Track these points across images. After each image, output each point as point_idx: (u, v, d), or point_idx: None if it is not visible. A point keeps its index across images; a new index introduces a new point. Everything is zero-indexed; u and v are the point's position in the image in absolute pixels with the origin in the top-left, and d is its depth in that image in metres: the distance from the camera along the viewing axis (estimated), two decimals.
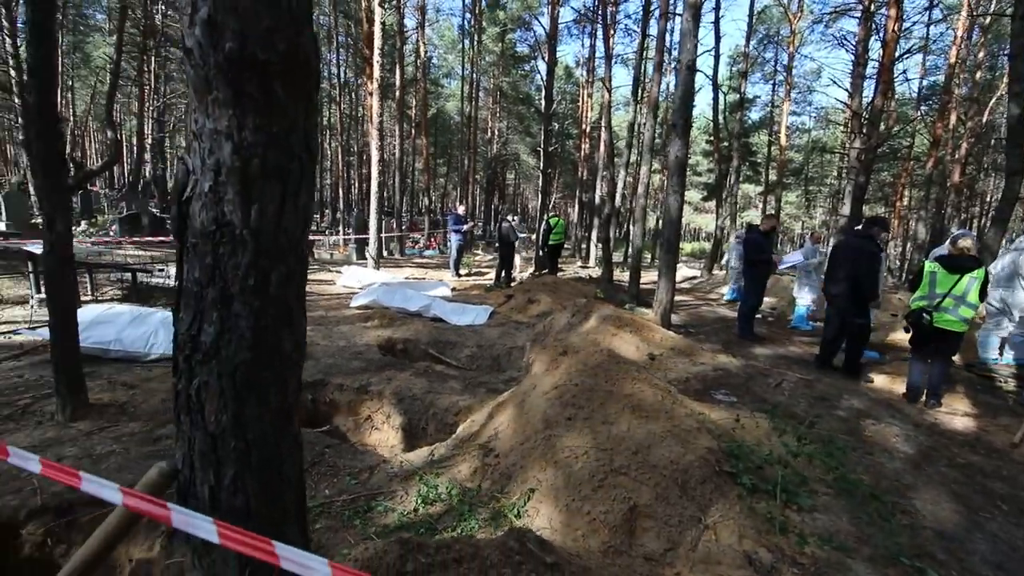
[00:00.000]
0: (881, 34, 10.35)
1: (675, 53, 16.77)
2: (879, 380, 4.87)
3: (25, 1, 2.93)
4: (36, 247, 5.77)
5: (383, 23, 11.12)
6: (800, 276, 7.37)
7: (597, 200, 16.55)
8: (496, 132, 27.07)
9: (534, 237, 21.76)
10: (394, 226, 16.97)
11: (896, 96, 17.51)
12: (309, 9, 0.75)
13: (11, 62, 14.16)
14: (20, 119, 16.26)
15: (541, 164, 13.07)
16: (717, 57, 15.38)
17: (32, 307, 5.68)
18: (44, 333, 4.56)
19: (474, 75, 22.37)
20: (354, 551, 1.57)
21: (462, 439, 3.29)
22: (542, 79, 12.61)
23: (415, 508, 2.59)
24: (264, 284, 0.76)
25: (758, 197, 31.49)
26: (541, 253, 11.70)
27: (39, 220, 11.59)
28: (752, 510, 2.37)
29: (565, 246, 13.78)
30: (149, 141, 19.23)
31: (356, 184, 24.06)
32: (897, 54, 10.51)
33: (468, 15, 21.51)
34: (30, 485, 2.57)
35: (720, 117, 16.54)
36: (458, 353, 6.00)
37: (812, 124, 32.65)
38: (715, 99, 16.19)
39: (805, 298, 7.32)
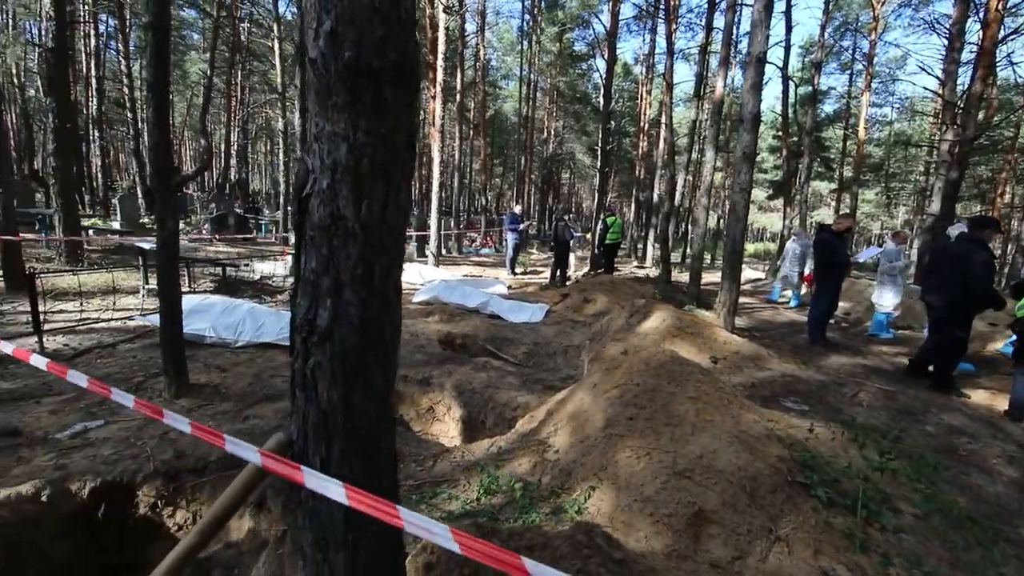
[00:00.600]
0: (981, 14, 9.32)
1: (742, 46, 15.97)
2: (976, 395, 4.41)
3: (146, 28, 3.28)
4: (145, 243, 6.47)
5: (446, 28, 11.45)
6: (882, 279, 6.80)
7: (655, 199, 16.12)
8: (552, 131, 27.04)
9: (588, 236, 21.52)
10: (452, 225, 17.40)
11: (998, 82, 15.70)
12: (415, 20, 0.82)
13: (125, 81, 15.86)
14: (131, 131, 18.21)
15: (598, 163, 12.92)
16: (788, 48, 14.50)
17: (142, 296, 6.38)
18: (153, 320, 5.11)
19: (531, 76, 22.47)
20: None
21: (522, 434, 3.34)
22: (600, 77, 12.45)
23: (477, 497, 2.67)
24: (370, 275, 0.84)
25: (830, 195, 29.26)
26: (597, 252, 11.58)
27: (146, 220, 12.97)
28: (829, 525, 2.24)
29: (621, 246, 13.54)
30: (235, 148, 20.92)
31: (417, 185, 24.84)
32: (1001, 35, 9.41)
33: (527, 16, 21.64)
34: (144, 453, 2.91)
35: (790, 111, 15.58)
36: (515, 350, 6.08)
37: (895, 116, 29.88)
38: (785, 92, 15.28)
39: (887, 303, 6.75)
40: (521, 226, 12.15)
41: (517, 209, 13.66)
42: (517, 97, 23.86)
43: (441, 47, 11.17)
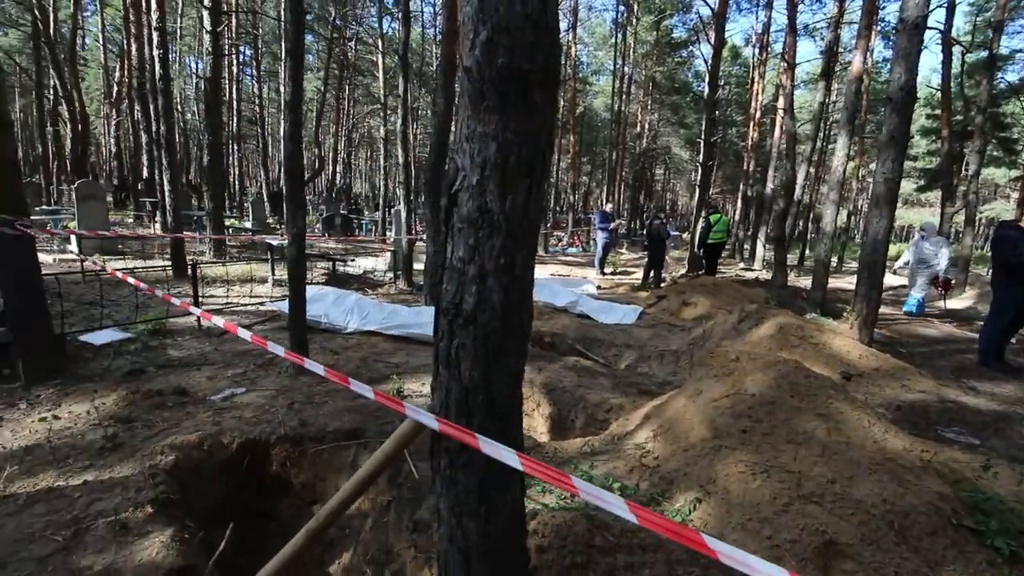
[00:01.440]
0: None
1: (885, 11, 13.93)
2: None
3: (288, 52, 3.73)
4: (274, 240, 7.37)
5: None
6: None
7: (767, 193, 14.90)
8: (646, 126, 26.11)
9: (684, 235, 20.42)
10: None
11: None
12: (559, 25, 0.87)
13: (256, 101, 18.11)
14: (260, 144, 20.72)
15: (699, 156, 12.22)
16: (952, 7, 11.90)
17: (270, 285, 7.29)
18: (280, 306, 5.80)
19: (625, 69, 21.87)
20: (540, 515, 1.71)
21: (617, 436, 3.30)
22: (705, 62, 11.71)
23: (572, 495, 2.68)
24: (511, 265, 0.91)
25: (1009, 184, 24.37)
26: (697, 252, 10.98)
27: (271, 220, 14.75)
28: None
29: (725, 246, 12.69)
30: (341, 156, 22.95)
31: None
32: None
33: (621, 8, 21.09)
34: (277, 419, 3.33)
35: (953, 84, 12.93)
36: (605, 351, 6.00)
37: None
38: (946, 61, 12.64)
39: None
40: (611, 225, 11.91)
41: (608, 207, 13.42)
42: (609, 92, 23.38)
43: None
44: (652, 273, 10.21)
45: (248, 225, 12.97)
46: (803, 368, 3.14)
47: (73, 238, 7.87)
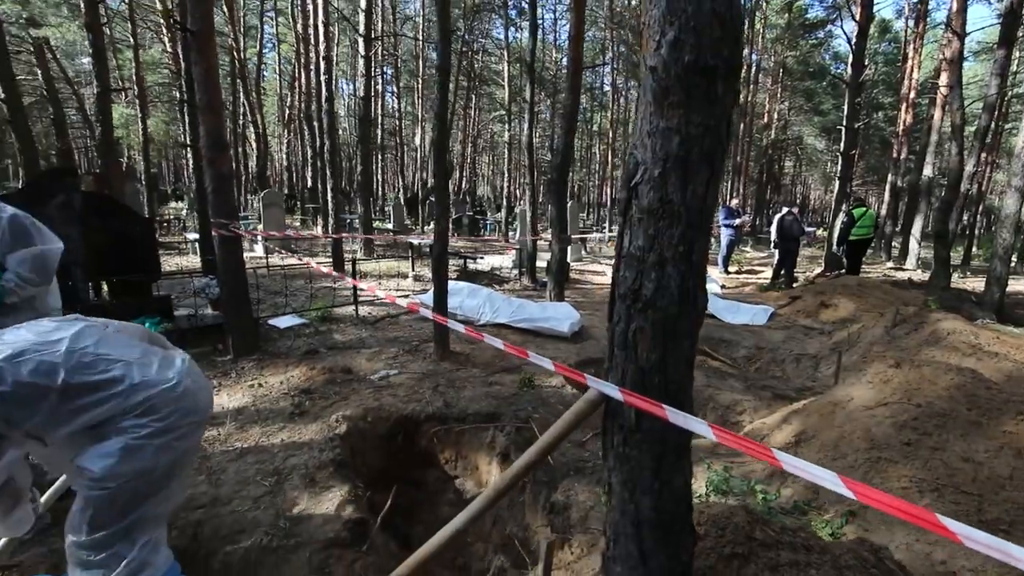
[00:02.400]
0: None
1: None
2: None
3: (438, 69, 4.12)
4: (414, 239, 8.18)
5: None
6: None
7: (923, 182, 12.54)
8: (775, 115, 23.48)
9: (819, 232, 17.94)
10: None
11: None
12: (743, 19, 0.89)
13: (395, 115, 20.11)
14: (399, 153, 22.93)
15: (840, 145, 10.67)
16: None
17: (411, 279, 8.12)
18: (421, 298, 6.42)
19: (752, 56, 19.90)
20: (695, 504, 1.70)
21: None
22: (848, 41, 10.16)
23: (705, 492, 2.59)
24: (689, 252, 0.95)
25: None
26: (838, 250, 9.66)
27: (408, 222, 16.34)
28: None
29: (871, 243, 10.96)
30: (467, 161, 24.42)
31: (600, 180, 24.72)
32: None
33: None
34: (424, 399, 3.72)
35: None
36: (733, 352, 5.61)
37: None
38: None
39: None
40: (736, 221, 11.02)
41: (733, 203, 12.42)
42: None
43: None
44: (783, 272, 9.22)
45: (389, 226, 14.51)
46: (982, 378, 2.63)
47: (260, 238, 9.58)
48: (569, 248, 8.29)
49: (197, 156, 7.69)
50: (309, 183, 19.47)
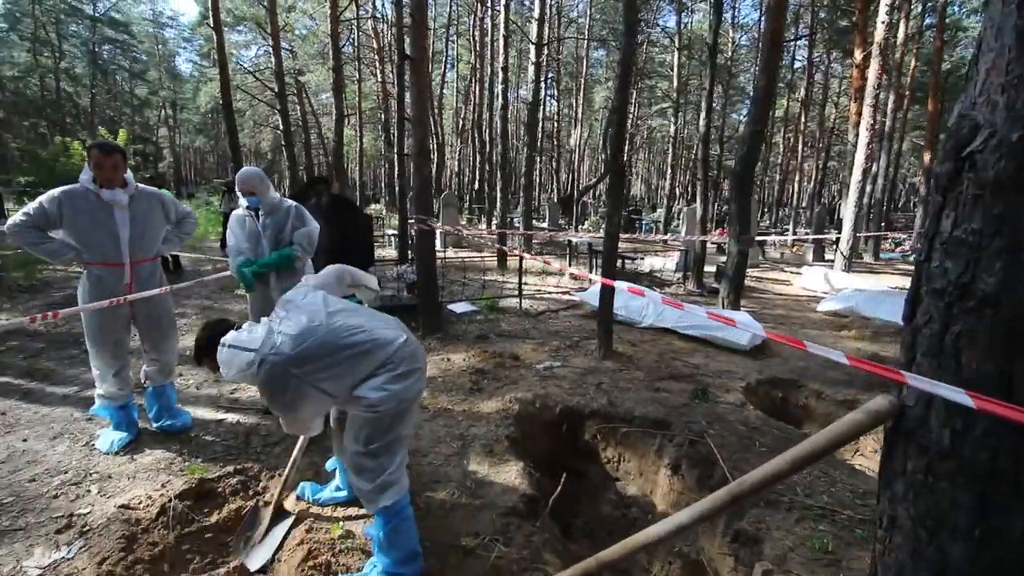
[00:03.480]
0: None
1: None
2: None
3: (620, 63, 4.05)
4: (573, 237, 8.25)
5: None
6: None
7: None
8: None
9: None
10: (864, 224, 14.10)
11: None
12: None
13: (555, 117, 20.66)
14: (555, 154, 23.59)
15: None
16: None
17: (567, 276, 8.23)
18: (581, 295, 6.45)
19: None
20: None
21: None
22: None
23: None
24: None
25: None
26: None
27: (562, 221, 16.69)
28: None
29: None
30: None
31: (813, 175, 21.24)
32: None
33: None
34: (588, 395, 3.71)
35: None
36: None
37: None
38: None
39: None
40: None
41: None
42: None
43: None
44: None
45: (544, 225, 14.95)
46: None
47: (438, 232, 10.70)
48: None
49: (401, 164, 8.91)
50: (476, 186, 21.17)
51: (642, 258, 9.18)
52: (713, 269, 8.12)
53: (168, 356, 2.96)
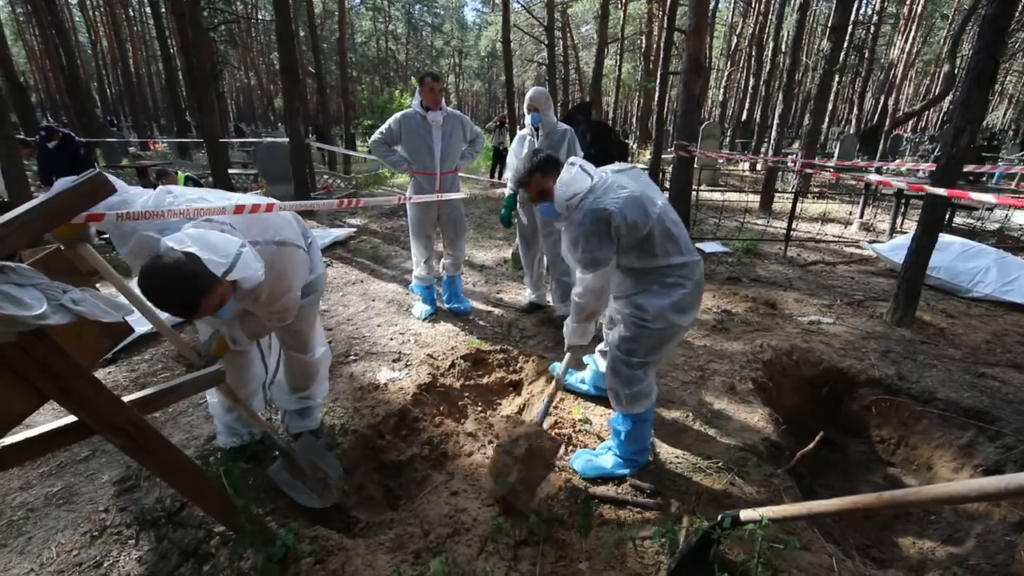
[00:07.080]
0: None
1: None
2: None
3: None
4: (873, 176, 6.43)
5: None
6: None
7: None
8: None
9: None
10: None
11: None
12: None
13: (869, 21, 15.73)
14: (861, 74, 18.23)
15: None
16: None
17: (855, 227, 6.61)
18: (878, 248, 5.13)
19: None
20: None
21: None
22: None
23: None
24: None
25: None
26: None
27: (859, 159, 13.14)
28: None
29: None
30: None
31: None
32: None
33: None
34: (868, 360, 3.04)
35: None
36: None
37: None
38: None
39: None
40: None
41: None
42: None
43: None
44: None
45: (831, 165, 12.10)
46: None
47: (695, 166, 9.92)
48: None
49: (663, 86, 8.41)
50: (744, 116, 18.39)
51: (989, 209, 6.56)
52: None
53: (459, 253, 3.70)
